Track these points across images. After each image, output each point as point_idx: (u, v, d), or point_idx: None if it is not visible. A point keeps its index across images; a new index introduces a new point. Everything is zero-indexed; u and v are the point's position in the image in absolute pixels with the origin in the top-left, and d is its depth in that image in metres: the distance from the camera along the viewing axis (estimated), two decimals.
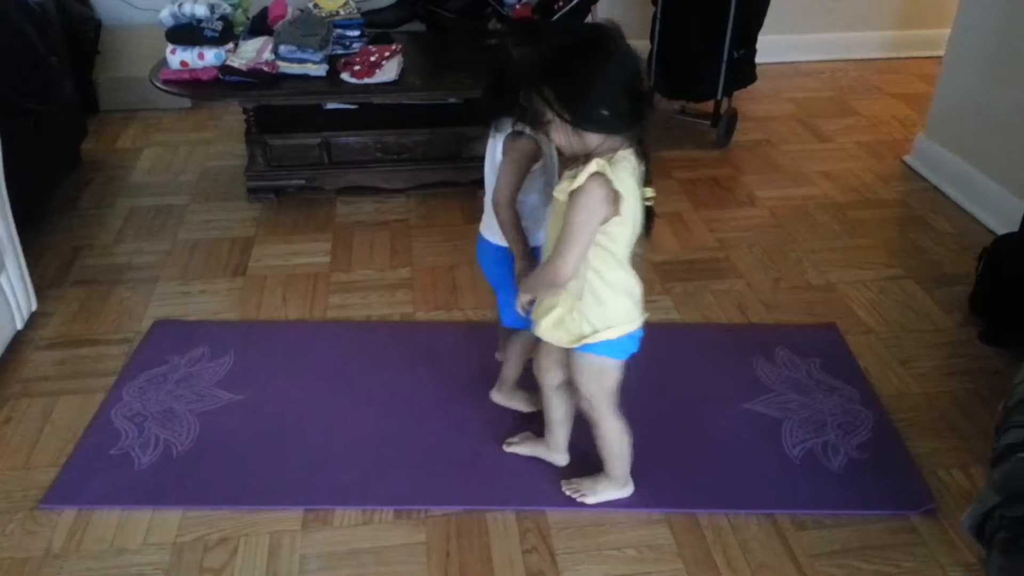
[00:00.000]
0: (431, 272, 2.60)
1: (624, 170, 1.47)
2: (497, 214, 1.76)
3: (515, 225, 1.77)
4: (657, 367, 2.17)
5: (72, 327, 2.37)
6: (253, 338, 2.31)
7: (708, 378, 2.17)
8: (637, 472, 1.82)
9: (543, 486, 1.86)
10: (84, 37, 3.59)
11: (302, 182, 2.98)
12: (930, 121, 3.23)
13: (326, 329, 2.36)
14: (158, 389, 2.11)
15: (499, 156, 1.75)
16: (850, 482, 1.87)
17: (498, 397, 2.07)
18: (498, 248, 1.84)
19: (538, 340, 1.72)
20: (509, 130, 1.72)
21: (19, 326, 2.27)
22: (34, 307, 2.35)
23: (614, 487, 1.82)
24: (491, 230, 1.84)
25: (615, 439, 1.76)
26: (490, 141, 1.79)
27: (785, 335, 2.33)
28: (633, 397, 1.95)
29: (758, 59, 3.45)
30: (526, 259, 1.78)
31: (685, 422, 2.03)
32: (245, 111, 2.88)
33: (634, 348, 1.67)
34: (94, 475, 1.87)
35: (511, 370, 2.03)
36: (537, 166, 1.74)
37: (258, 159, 2.94)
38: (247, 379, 2.15)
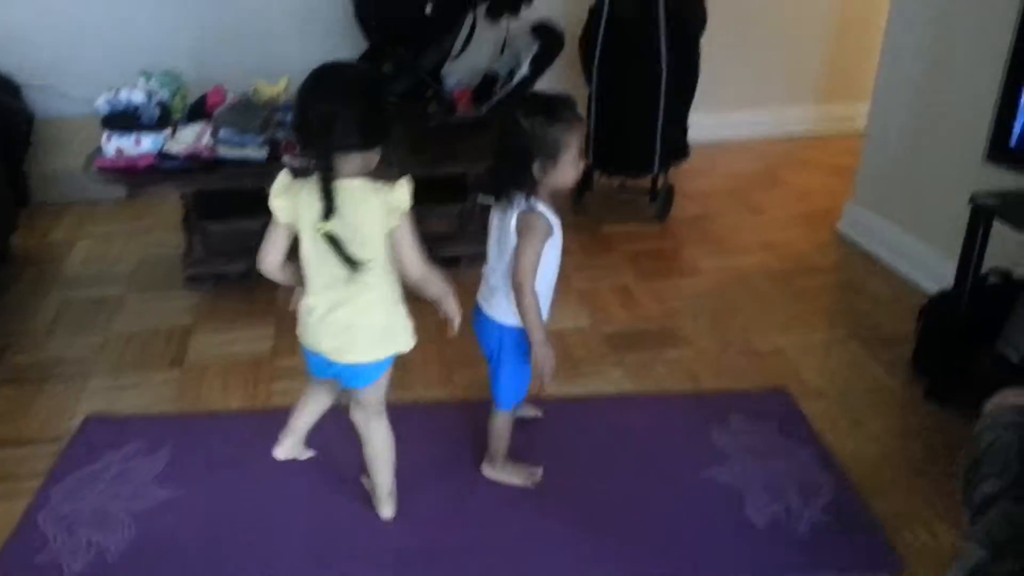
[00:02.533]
0: None
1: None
2: (520, 297, 1.75)
3: (538, 309, 1.77)
4: (612, 439, 2.16)
5: None
6: (190, 431, 2.21)
7: (664, 449, 2.14)
8: (597, 545, 1.77)
9: (493, 563, 1.78)
10: (15, 130, 3.52)
11: (243, 268, 2.91)
12: (858, 188, 3.35)
13: (269, 417, 2.26)
14: (90, 489, 1.99)
15: (512, 234, 1.75)
16: (817, 546, 1.84)
17: (491, 472, 2.01)
18: (503, 327, 1.83)
19: None
20: (524, 207, 1.73)
21: None
22: None
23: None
24: (499, 309, 1.83)
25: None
26: (496, 217, 1.80)
27: (738, 401, 2.32)
28: (589, 470, 1.93)
29: (690, 137, 3.56)
30: (548, 343, 1.78)
31: (643, 493, 1.99)
32: (183, 197, 2.83)
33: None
34: None
35: (503, 443, 1.98)
36: (547, 244, 1.75)
37: (196, 246, 2.88)
38: (185, 474, 2.04)
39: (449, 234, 3.03)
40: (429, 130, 3.33)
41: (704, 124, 3.91)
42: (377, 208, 1.59)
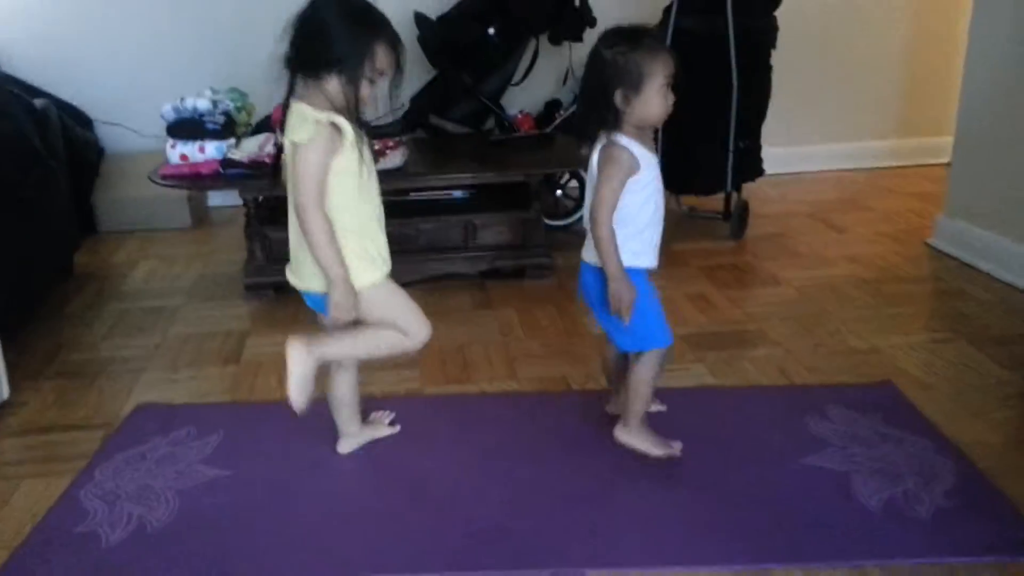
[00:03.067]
0: (438, 351, 2.39)
1: None
2: (595, 229, 1.65)
3: (614, 242, 1.65)
4: (701, 428, 1.95)
5: (45, 415, 2.14)
6: (242, 418, 2.08)
7: (758, 436, 1.92)
8: (694, 530, 1.55)
9: (580, 545, 1.57)
10: (85, 160, 3.58)
11: None
12: (949, 199, 3.13)
13: (323, 407, 2.12)
14: (135, 468, 1.86)
15: (595, 173, 1.67)
16: (943, 529, 1.59)
17: (625, 436, 1.81)
18: (600, 269, 1.71)
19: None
20: (605, 140, 1.66)
21: None
22: (5, 395, 2.14)
23: None
24: (592, 251, 1.72)
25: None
26: (591, 159, 1.71)
27: (837, 393, 2.10)
28: (682, 457, 1.78)
29: (764, 169, 3.41)
30: (625, 278, 1.65)
31: (742, 480, 1.76)
32: (245, 204, 2.78)
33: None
34: (52, 555, 1.58)
35: (644, 401, 1.79)
36: (633, 179, 1.64)
37: (256, 254, 2.82)
38: (233, 457, 1.90)
39: (513, 244, 2.91)
40: (491, 144, 3.27)
41: (779, 157, 3.77)
42: (292, 132, 1.56)
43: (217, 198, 3.99)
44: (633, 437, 1.80)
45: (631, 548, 1.57)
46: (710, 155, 3.26)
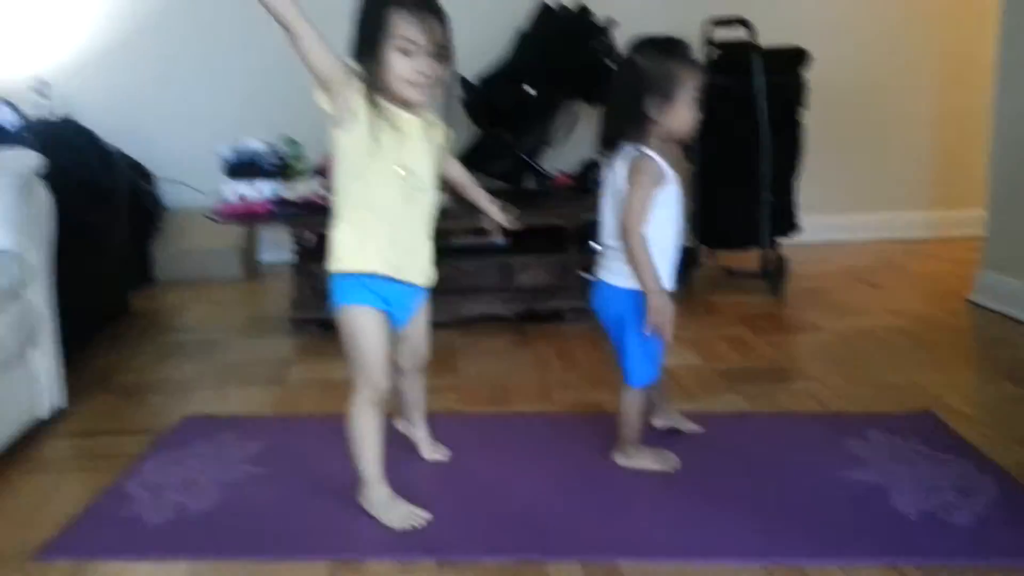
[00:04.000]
0: (478, 378, 2.44)
1: None
2: (629, 240, 1.65)
3: (649, 254, 1.65)
4: (738, 448, 1.96)
5: (97, 422, 2.22)
6: (286, 428, 2.14)
7: (796, 454, 1.92)
8: (729, 527, 1.55)
9: (612, 533, 1.57)
10: (146, 212, 3.76)
11: None
12: (988, 254, 3.14)
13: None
14: (181, 465, 1.91)
15: (621, 185, 1.68)
16: (982, 535, 1.56)
17: (624, 460, 1.85)
18: (624, 292, 1.72)
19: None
20: (633, 152, 1.67)
21: (44, 415, 2.13)
22: (62, 404, 2.22)
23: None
24: (617, 273, 1.73)
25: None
26: (608, 175, 1.74)
27: (876, 420, 2.09)
28: (716, 469, 1.82)
29: (802, 238, 3.47)
30: (663, 291, 1.67)
31: (780, 489, 1.76)
32: (297, 241, 2.90)
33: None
34: (98, 531, 1.64)
35: (635, 427, 1.83)
36: (661, 192, 1.67)
37: (304, 290, 2.92)
38: (277, 458, 1.94)
39: (550, 286, 2.97)
40: (530, 194, 3.37)
41: (815, 224, 3.83)
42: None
43: (268, 253, 4.14)
44: (631, 460, 1.83)
45: (665, 540, 1.57)
46: (743, 209, 3.32)
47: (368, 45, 1.47)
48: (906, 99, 4.25)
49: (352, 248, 1.55)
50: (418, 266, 1.64)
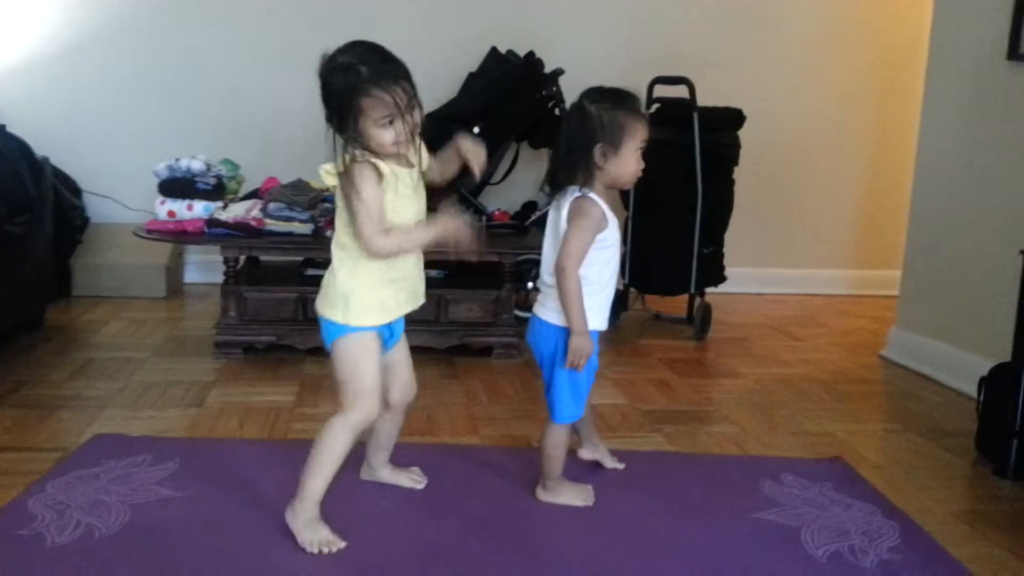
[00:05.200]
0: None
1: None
2: (562, 280, 1.68)
3: (581, 296, 1.69)
4: (657, 486, 1.99)
5: (1, 438, 2.11)
6: (200, 450, 2.07)
7: (714, 495, 1.95)
8: (643, 562, 1.56)
9: (527, 569, 1.57)
10: (69, 224, 3.65)
11: (273, 338, 2.87)
12: (900, 312, 3.29)
13: (285, 446, 2.13)
14: (87, 484, 1.84)
15: (563, 224, 1.71)
16: None
17: (545, 495, 1.86)
18: (559, 330, 1.75)
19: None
20: (577, 193, 1.71)
21: None
22: None
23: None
24: (554, 311, 1.75)
25: None
26: (552, 213, 1.77)
27: (790, 464, 2.15)
28: (632, 506, 1.84)
29: (726, 288, 3.58)
30: (587, 332, 1.70)
31: (694, 530, 1.78)
32: (226, 262, 2.85)
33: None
34: None
35: (557, 463, 1.84)
36: (600, 235, 1.71)
37: (230, 312, 2.86)
38: (190, 481, 1.88)
39: (483, 322, 2.99)
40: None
41: (741, 277, 3.96)
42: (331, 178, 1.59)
43: (193, 273, 4.06)
44: (553, 495, 1.85)
45: None
46: (676, 258, 3.41)
47: (352, 127, 1.53)
48: (834, 165, 4.45)
49: (362, 306, 1.61)
50: (415, 297, 1.72)
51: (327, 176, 1.59)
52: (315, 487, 1.62)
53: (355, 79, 1.50)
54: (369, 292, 1.62)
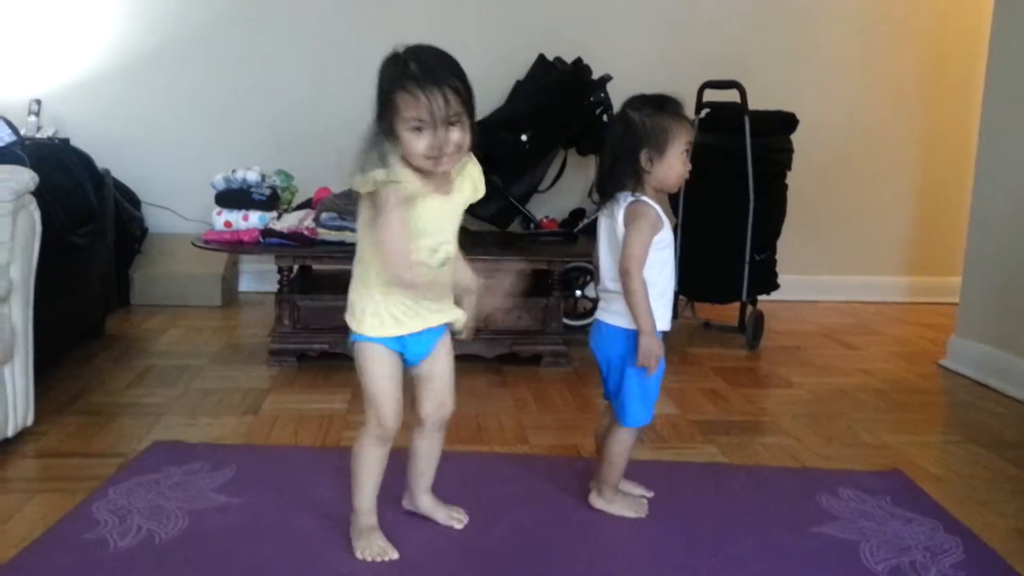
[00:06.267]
0: (455, 417, 2.39)
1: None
2: (628, 283, 1.68)
3: (647, 297, 1.69)
4: (712, 499, 1.96)
5: (65, 443, 2.18)
6: (257, 457, 2.11)
7: (770, 507, 1.92)
8: (699, 575, 1.54)
9: None
10: (129, 234, 3.75)
11: (325, 346, 2.91)
12: (961, 321, 3.20)
13: (339, 453, 2.15)
14: (148, 491, 1.88)
15: (619, 230, 1.72)
16: None
17: (601, 503, 1.85)
18: (626, 332, 1.75)
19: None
20: (631, 198, 1.72)
21: (8, 434, 2.09)
22: (29, 422, 2.19)
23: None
24: (619, 314, 1.75)
25: None
26: (604, 220, 1.78)
27: (848, 477, 2.10)
28: (685, 521, 1.81)
29: (780, 295, 3.55)
30: (655, 334, 1.70)
31: (750, 543, 1.75)
32: (280, 271, 2.90)
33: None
34: (60, 553, 1.60)
35: (619, 470, 1.84)
36: (658, 237, 1.72)
37: (284, 321, 2.91)
38: (247, 487, 1.92)
39: (532, 330, 2.99)
40: (516, 237, 3.41)
41: (794, 284, 3.90)
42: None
43: (248, 282, 4.14)
44: (607, 503, 1.84)
45: None
46: (727, 265, 3.37)
47: (386, 124, 1.47)
48: (890, 169, 4.37)
49: (374, 317, 1.56)
50: (441, 311, 1.62)
51: (358, 184, 1.50)
52: (359, 500, 1.64)
53: (400, 72, 1.44)
54: (380, 303, 1.55)
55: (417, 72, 1.43)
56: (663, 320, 1.76)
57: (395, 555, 1.62)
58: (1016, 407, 2.72)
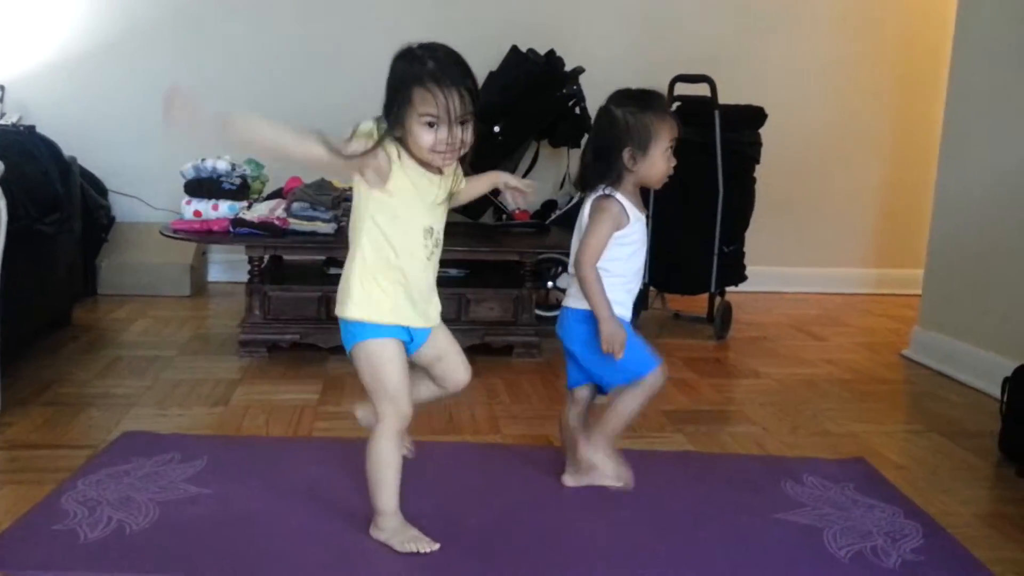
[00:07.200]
0: (428, 407, 2.42)
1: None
2: (578, 272, 1.73)
3: (600, 285, 1.72)
4: (679, 484, 1.99)
5: (32, 434, 2.16)
6: (228, 448, 2.11)
7: (737, 495, 1.96)
8: (666, 559, 1.58)
9: (553, 560, 1.59)
10: (96, 224, 3.70)
11: (296, 337, 2.90)
12: (923, 312, 3.27)
13: (311, 444, 2.16)
14: (118, 482, 1.87)
15: (584, 221, 1.75)
16: None
17: (592, 454, 1.82)
18: (586, 312, 1.77)
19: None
20: (600, 192, 1.74)
21: None
22: None
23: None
24: (579, 298, 1.79)
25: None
26: (583, 209, 1.81)
27: (812, 465, 2.15)
28: (661, 508, 1.84)
29: (748, 286, 3.61)
30: (615, 318, 1.72)
31: (717, 533, 1.78)
32: (251, 261, 2.88)
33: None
34: (29, 545, 1.59)
35: (623, 423, 1.86)
36: (620, 232, 1.74)
37: (255, 311, 2.89)
38: (218, 478, 1.91)
39: (504, 321, 3.01)
40: (488, 228, 3.42)
41: (762, 275, 3.96)
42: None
43: (217, 272, 4.11)
44: (598, 455, 1.82)
45: (604, 574, 1.58)
46: (696, 257, 3.42)
47: (397, 114, 1.51)
48: (856, 163, 4.43)
49: (375, 302, 1.57)
50: (429, 314, 1.64)
51: (363, 131, 1.53)
52: (384, 501, 1.62)
53: (417, 68, 1.49)
54: (372, 284, 1.56)
55: (436, 70, 1.48)
56: (625, 308, 1.80)
57: (436, 545, 1.62)
58: (976, 397, 2.79)
